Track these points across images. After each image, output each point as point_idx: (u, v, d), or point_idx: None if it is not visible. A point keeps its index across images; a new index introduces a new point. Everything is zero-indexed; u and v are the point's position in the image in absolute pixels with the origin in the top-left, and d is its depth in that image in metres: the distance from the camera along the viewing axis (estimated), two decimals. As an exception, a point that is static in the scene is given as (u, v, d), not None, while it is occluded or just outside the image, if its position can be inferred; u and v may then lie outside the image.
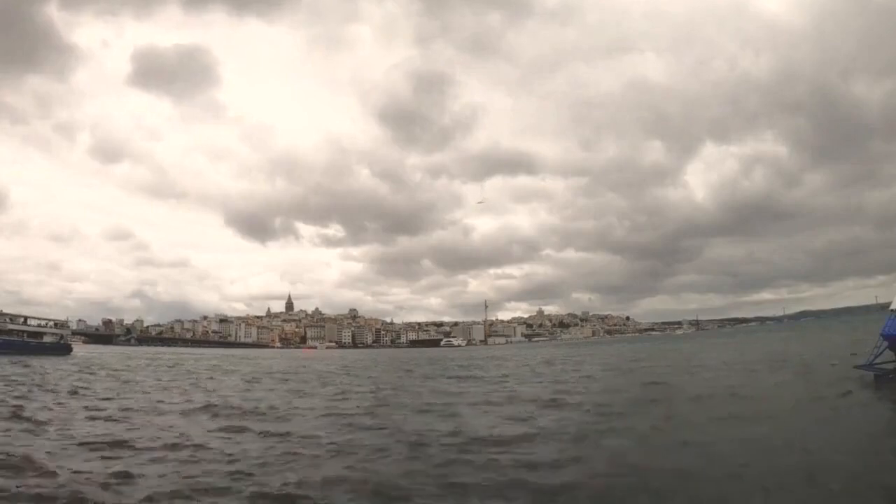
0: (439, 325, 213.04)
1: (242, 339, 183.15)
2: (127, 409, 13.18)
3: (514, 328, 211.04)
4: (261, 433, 10.24)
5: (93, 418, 11.74)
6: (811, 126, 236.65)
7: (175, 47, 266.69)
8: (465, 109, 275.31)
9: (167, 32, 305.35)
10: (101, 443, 8.98)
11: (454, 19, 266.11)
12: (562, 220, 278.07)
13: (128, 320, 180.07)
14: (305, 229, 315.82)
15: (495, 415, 12.43)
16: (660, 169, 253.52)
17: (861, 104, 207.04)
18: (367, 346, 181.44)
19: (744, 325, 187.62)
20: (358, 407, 14.38)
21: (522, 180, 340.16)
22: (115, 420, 11.60)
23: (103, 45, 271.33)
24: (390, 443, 9.30)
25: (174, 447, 8.84)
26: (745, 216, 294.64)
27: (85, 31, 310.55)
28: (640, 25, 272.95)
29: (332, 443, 9.38)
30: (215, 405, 14.10)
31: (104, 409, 13.03)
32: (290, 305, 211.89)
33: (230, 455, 8.33)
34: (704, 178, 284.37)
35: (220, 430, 10.60)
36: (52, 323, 51.82)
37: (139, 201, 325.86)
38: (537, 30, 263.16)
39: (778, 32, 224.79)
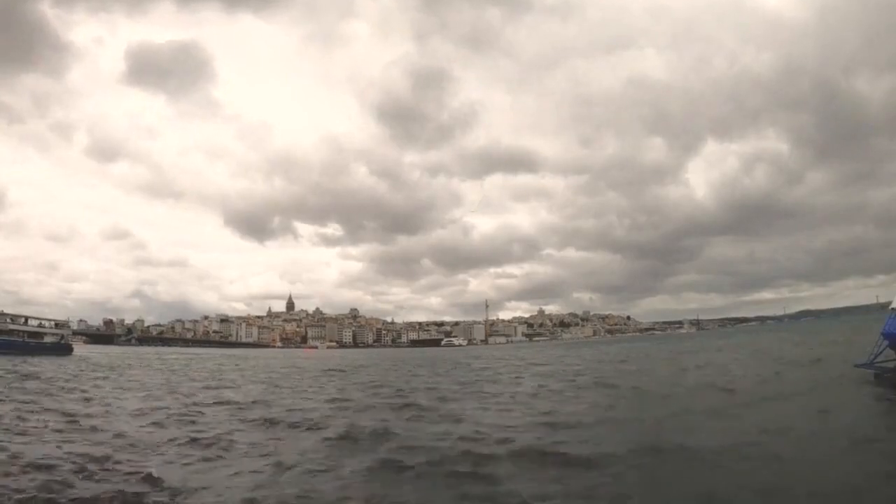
0: (440, 324, 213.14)
1: (243, 339, 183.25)
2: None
3: (515, 328, 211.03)
4: None
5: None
6: (813, 123, 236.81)
7: (169, 44, 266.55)
8: (463, 106, 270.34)
9: (161, 29, 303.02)
10: None
11: (452, 14, 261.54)
12: (562, 219, 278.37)
13: (128, 320, 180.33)
14: (304, 228, 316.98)
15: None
16: (660, 167, 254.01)
17: (864, 101, 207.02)
18: (368, 346, 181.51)
19: (744, 324, 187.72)
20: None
21: (522, 178, 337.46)
22: None
23: (97, 43, 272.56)
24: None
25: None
26: (746, 215, 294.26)
27: (79, 29, 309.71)
28: (641, 21, 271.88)
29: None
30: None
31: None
32: (290, 305, 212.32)
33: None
34: (705, 176, 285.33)
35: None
36: (52, 323, 51.87)
37: (137, 200, 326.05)
38: (537, 25, 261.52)
39: (779, 28, 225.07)
